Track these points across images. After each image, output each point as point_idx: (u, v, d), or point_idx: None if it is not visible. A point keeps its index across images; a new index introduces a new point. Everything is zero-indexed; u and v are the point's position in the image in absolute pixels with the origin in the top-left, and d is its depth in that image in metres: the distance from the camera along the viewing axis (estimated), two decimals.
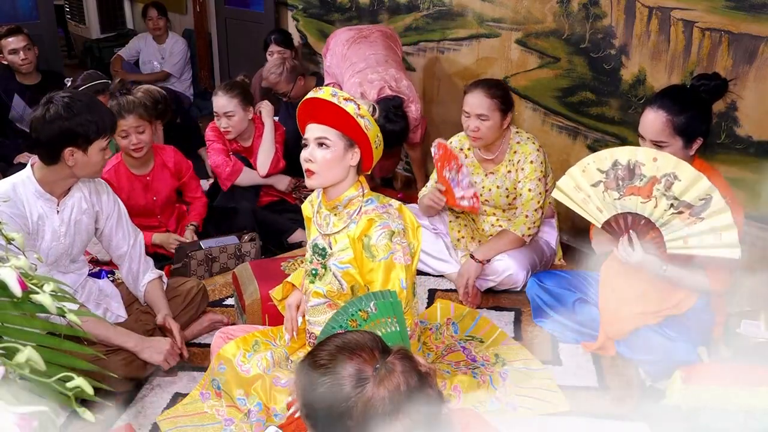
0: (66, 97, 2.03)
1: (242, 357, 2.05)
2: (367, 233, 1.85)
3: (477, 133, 2.67)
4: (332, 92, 1.82)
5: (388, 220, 1.86)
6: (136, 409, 2.14)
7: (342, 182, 1.90)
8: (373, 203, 1.91)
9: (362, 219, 1.87)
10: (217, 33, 5.53)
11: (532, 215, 2.75)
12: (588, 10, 2.89)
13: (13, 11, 4.75)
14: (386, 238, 1.84)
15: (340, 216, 1.93)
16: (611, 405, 2.20)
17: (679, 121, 2.04)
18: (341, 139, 1.84)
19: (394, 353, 1.23)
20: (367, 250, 1.85)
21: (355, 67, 3.38)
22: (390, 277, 1.84)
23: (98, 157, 2.07)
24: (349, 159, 1.87)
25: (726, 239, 1.94)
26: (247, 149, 3.44)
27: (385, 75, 3.29)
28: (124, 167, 2.93)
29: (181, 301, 2.44)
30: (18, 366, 0.85)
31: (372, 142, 1.85)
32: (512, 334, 2.58)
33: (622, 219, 2.10)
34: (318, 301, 1.98)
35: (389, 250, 1.84)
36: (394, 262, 1.84)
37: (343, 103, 1.80)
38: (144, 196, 2.97)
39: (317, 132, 1.85)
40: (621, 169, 2.05)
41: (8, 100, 3.95)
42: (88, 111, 2.01)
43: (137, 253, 2.35)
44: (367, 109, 1.84)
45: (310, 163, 1.85)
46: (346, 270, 1.91)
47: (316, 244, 1.99)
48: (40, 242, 2.11)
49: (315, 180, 1.87)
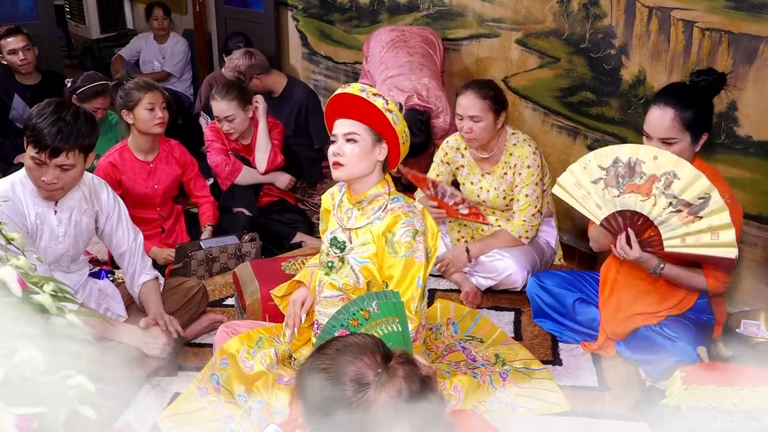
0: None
1: (246, 353, 2.05)
2: (391, 229, 1.88)
3: (471, 134, 2.68)
4: (361, 88, 1.85)
5: (413, 219, 1.90)
6: (136, 409, 2.14)
7: (368, 177, 1.92)
8: (399, 201, 1.95)
9: (388, 215, 1.90)
10: (217, 33, 5.52)
11: (530, 219, 2.75)
12: (588, 10, 2.88)
13: (13, 11, 4.76)
14: (410, 235, 1.87)
15: (364, 211, 1.95)
16: (611, 405, 2.20)
17: (687, 117, 2.05)
18: (369, 133, 1.87)
19: (396, 358, 1.23)
20: (390, 245, 1.88)
21: (389, 72, 3.37)
22: (408, 274, 1.88)
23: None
24: (376, 154, 1.90)
25: (723, 238, 1.94)
26: (247, 147, 3.45)
27: (417, 84, 3.28)
28: (129, 152, 2.95)
29: (180, 301, 2.44)
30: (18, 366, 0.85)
31: (399, 137, 1.88)
32: (512, 334, 2.58)
33: (621, 216, 2.10)
34: (332, 293, 1.99)
35: (411, 248, 1.87)
36: (415, 261, 1.88)
37: (372, 98, 1.83)
38: (146, 183, 2.97)
39: (346, 127, 1.88)
40: (622, 166, 2.05)
41: (8, 100, 3.95)
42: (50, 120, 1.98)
43: (136, 252, 2.35)
44: (395, 105, 1.88)
45: (339, 157, 1.87)
46: (365, 265, 1.93)
47: (335, 237, 2.00)
48: (38, 242, 2.11)
49: (342, 172, 1.89)
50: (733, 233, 1.92)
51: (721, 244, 1.94)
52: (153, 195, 3.01)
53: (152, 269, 2.39)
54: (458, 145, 2.88)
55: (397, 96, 3.21)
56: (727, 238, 1.93)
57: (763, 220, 2.46)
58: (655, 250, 2.09)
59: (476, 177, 2.85)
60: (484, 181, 2.83)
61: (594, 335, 2.42)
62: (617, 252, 2.14)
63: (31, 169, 2.02)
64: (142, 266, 2.36)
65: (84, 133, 2.00)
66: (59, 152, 1.96)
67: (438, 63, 3.52)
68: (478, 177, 2.84)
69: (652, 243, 2.08)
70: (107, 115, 3.66)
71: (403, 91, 3.25)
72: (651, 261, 2.13)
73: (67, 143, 1.97)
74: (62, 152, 1.97)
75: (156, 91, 2.90)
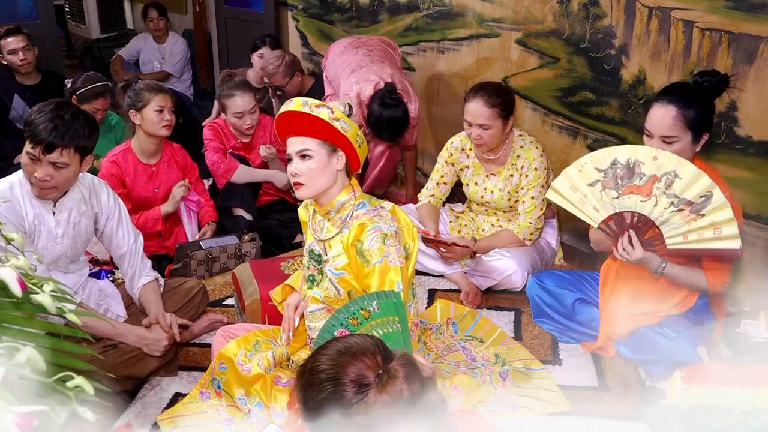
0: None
1: (243, 356, 2.05)
2: (359, 238, 1.84)
3: (480, 140, 2.68)
4: (303, 102, 1.81)
5: (379, 223, 1.85)
6: (136, 409, 2.14)
7: (332, 188, 1.90)
8: (365, 207, 1.91)
9: (354, 224, 1.86)
10: (217, 33, 5.53)
11: (536, 222, 2.76)
12: (588, 10, 2.88)
13: (13, 11, 4.76)
14: (379, 241, 1.83)
15: (333, 221, 1.93)
16: (611, 405, 2.20)
17: (689, 115, 2.04)
18: (322, 146, 1.84)
19: (397, 359, 1.22)
20: (360, 255, 1.84)
21: (351, 67, 3.37)
22: (386, 280, 1.83)
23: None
24: (334, 164, 1.87)
25: (726, 232, 1.94)
26: (247, 145, 3.45)
27: (382, 73, 3.28)
28: (132, 155, 2.95)
29: (181, 301, 2.44)
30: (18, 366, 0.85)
31: (354, 143, 1.85)
32: (512, 334, 2.58)
33: (620, 218, 2.10)
34: (317, 307, 1.98)
35: (383, 253, 1.83)
36: (389, 265, 1.83)
37: (316, 111, 1.79)
38: (147, 186, 2.98)
39: (298, 145, 1.85)
40: (620, 168, 2.05)
41: (8, 100, 3.95)
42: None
43: (136, 253, 2.35)
44: (342, 111, 1.84)
45: (297, 177, 1.85)
46: (342, 276, 1.90)
47: (312, 250, 1.99)
48: (36, 243, 2.11)
49: (304, 191, 1.88)
50: (735, 226, 1.93)
51: (724, 237, 1.95)
52: (153, 198, 3.01)
53: (152, 271, 2.39)
54: (463, 146, 2.87)
55: (364, 87, 3.21)
56: (730, 232, 1.93)
57: (763, 220, 2.46)
58: (657, 249, 2.09)
59: (481, 178, 2.84)
60: (489, 182, 2.82)
61: (594, 335, 2.42)
62: (620, 254, 2.13)
63: (26, 165, 2.02)
64: (142, 268, 2.36)
65: (80, 134, 2.00)
66: (53, 148, 1.96)
67: (398, 62, 3.56)
68: (483, 178, 2.84)
69: (654, 243, 2.08)
70: (107, 116, 3.66)
71: (369, 80, 3.24)
72: (653, 260, 2.13)
73: (62, 140, 1.96)
74: (56, 149, 1.97)
75: (166, 93, 2.93)
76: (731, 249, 1.96)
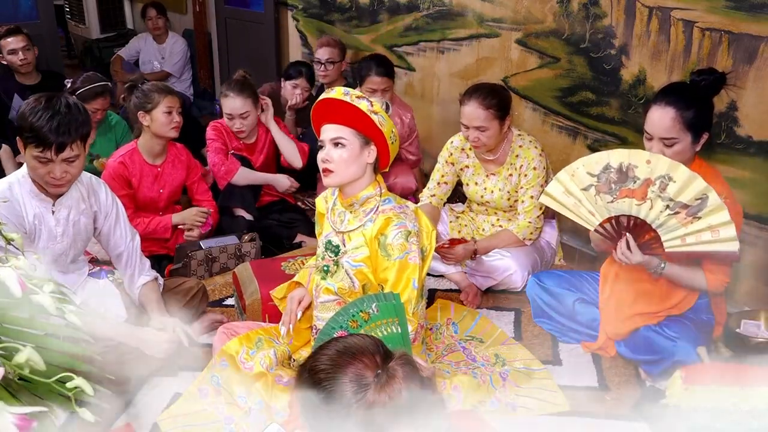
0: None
1: (245, 354, 2.05)
2: (383, 232, 1.87)
3: (477, 142, 2.68)
4: (344, 91, 1.85)
5: (405, 220, 1.88)
6: (136, 409, 2.14)
7: (359, 180, 1.92)
8: (391, 203, 1.93)
9: (379, 218, 1.89)
10: (217, 33, 5.52)
11: (535, 221, 2.76)
12: (588, 10, 2.88)
13: (13, 11, 4.76)
14: (402, 237, 1.86)
15: (356, 214, 1.94)
16: (611, 405, 2.20)
17: (688, 116, 2.04)
18: (356, 137, 1.87)
19: (396, 359, 1.23)
20: (383, 248, 1.87)
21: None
22: (403, 277, 1.86)
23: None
24: (365, 156, 1.89)
25: (724, 234, 1.94)
26: (250, 147, 3.44)
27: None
28: (138, 155, 2.95)
29: (180, 301, 2.44)
30: (18, 366, 0.85)
31: (387, 138, 1.88)
32: (512, 334, 2.58)
33: (616, 221, 2.10)
34: (328, 298, 1.99)
35: (405, 249, 1.86)
36: (409, 262, 1.86)
37: (356, 101, 1.82)
38: (152, 186, 2.98)
39: (332, 132, 1.87)
40: (613, 172, 2.04)
41: (8, 100, 3.95)
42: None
43: (134, 253, 2.34)
44: (380, 106, 1.86)
45: (328, 163, 1.87)
46: (359, 268, 1.92)
47: (329, 241, 1.99)
48: (36, 242, 2.11)
49: (333, 178, 1.89)
50: (733, 228, 1.92)
51: (722, 239, 1.94)
52: (158, 199, 3.01)
53: (151, 270, 2.39)
54: (463, 145, 2.87)
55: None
56: (728, 234, 1.93)
57: (763, 220, 2.46)
58: (656, 252, 2.09)
59: (481, 178, 2.85)
60: (489, 181, 2.82)
61: (594, 335, 2.42)
62: (618, 258, 2.13)
63: (36, 168, 2.01)
64: (141, 267, 2.35)
65: (81, 121, 2.00)
66: (64, 146, 1.96)
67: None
68: (483, 177, 2.84)
69: (652, 245, 2.08)
70: (107, 116, 3.65)
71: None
72: (652, 262, 2.13)
73: (70, 136, 1.97)
74: (67, 146, 1.97)
75: (174, 95, 2.93)
76: (729, 251, 1.96)
